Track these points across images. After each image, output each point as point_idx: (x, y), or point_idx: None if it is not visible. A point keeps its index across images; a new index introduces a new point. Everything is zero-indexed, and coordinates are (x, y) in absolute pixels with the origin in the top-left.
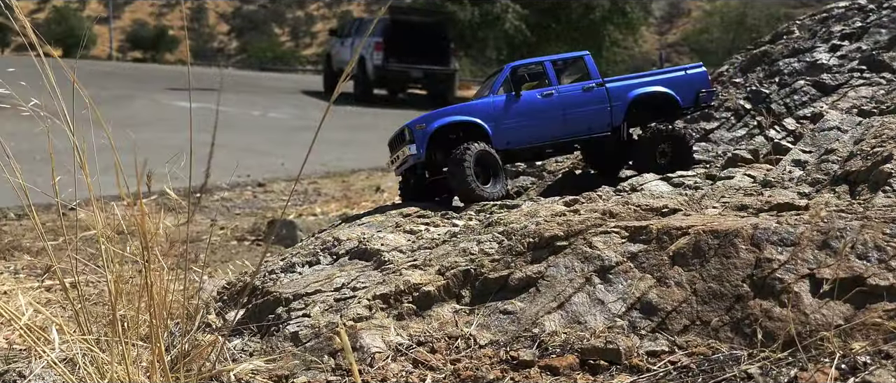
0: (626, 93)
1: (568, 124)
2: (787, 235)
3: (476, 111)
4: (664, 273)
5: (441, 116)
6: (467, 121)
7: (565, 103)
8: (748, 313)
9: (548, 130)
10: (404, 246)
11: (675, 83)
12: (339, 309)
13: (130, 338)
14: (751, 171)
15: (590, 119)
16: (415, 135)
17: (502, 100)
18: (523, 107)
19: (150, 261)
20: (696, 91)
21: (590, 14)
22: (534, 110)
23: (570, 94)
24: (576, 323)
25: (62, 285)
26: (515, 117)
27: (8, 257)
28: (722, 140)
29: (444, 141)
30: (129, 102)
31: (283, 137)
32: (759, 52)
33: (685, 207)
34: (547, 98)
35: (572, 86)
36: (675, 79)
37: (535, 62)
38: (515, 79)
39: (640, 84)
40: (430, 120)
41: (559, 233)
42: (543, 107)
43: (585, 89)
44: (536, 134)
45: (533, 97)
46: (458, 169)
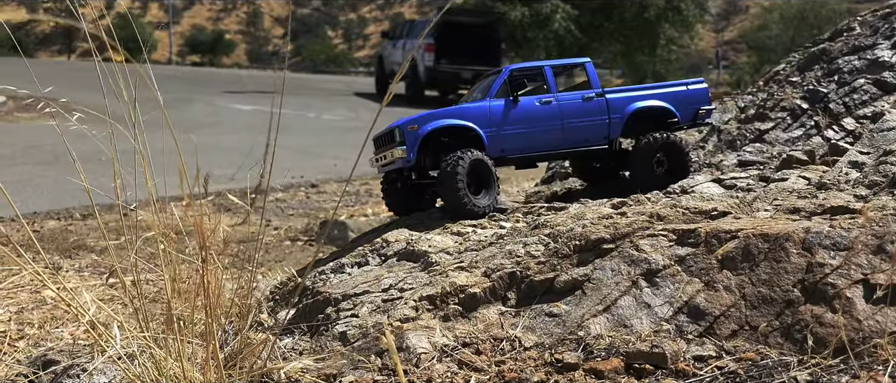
0: (625, 105)
1: (566, 134)
2: (840, 239)
3: (471, 115)
4: (712, 277)
5: (434, 119)
6: (462, 125)
7: (564, 112)
8: (799, 319)
9: (545, 140)
10: (451, 247)
11: (675, 98)
12: (386, 310)
13: (186, 336)
14: (806, 173)
15: (588, 130)
16: (406, 136)
17: (499, 106)
18: (521, 115)
19: (207, 262)
20: (696, 108)
21: (644, 12)
22: (532, 118)
23: (570, 102)
24: (621, 326)
25: (123, 284)
26: (512, 124)
27: (73, 255)
28: (777, 140)
29: (434, 144)
30: (188, 105)
31: (337, 139)
32: (818, 49)
33: (735, 210)
34: (546, 106)
35: (572, 94)
36: (675, 94)
37: (535, 67)
38: (513, 83)
39: (639, 97)
40: (423, 122)
41: (606, 235)
42: (542, 116)
43: (585, 99)
44: (533, 143)
45: (531, 104)
46: (449, 179)
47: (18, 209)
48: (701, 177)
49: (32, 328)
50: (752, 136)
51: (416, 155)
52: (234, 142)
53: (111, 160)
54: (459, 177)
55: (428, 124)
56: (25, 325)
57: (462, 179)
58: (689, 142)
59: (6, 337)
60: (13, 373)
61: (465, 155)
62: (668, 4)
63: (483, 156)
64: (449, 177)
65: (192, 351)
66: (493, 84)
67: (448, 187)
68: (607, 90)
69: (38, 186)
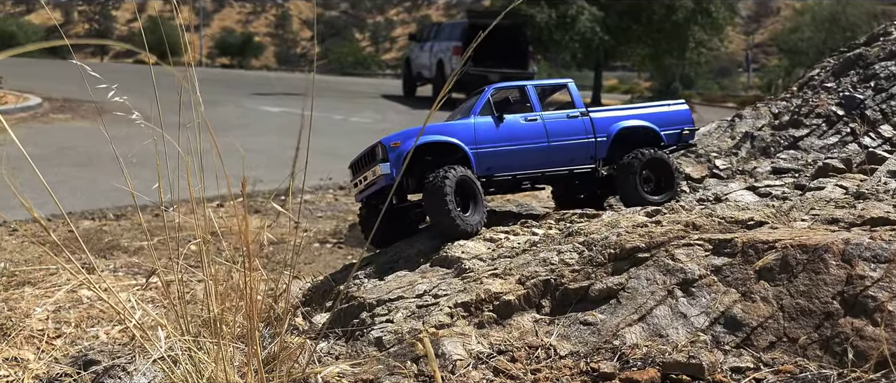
0: (610, 125)
1: (552, 154)
2: (881, 251)
3: (457, 133)
4: (749, 287)
5: (415, 134)
6: (448, 142)
7: (550, 131)
8: (838, 331)
9: (531, 159)
10: (484, 254)
11: (659, 119)
12: (421, 316)
13: (226, 339)
14: (843, 182)
15: (573, 150)
16: (389, 153)
17: (484, 124)
18: (507, 132)
19: (249, 267)
20: (681, 129)
21: (672, 15)
22: (518, 136)
23: (555, 121)
24: (657, 336)
25: (164, 287)
26: (498, 142)
27: (108, 256)
28: (812, 147)
29: (418, 164)
30: (218, 107)
31: (364, 141)
32: (854, 54)
33: (772, 220)
34: (531, 124)
35: (556, 113)
36: (659, 115)
37: (517, 86)
38: (497, 102)
39: (624, 117)
40: (407, 138)
41: (640, 244)
42: (528, 134)
43: (570, 117)
44: (519, 162)
45: (516, 122)
46: (436, 197)
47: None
48: (735, 185)
49: (69, 327)
50: (786, 143)
51: (400, 172)
52: (263, 144)
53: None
54: (448, 193)
55: (411, 141)
56: (62, 324)
57: (450, 195)
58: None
59: (44, 335)
60: (55, 372)
61: (451, 170)
62: (698, 6)
63: (469, 173)
64: (436, 194)
65: (231, 353)
66: (476, 103)
67: (436, 204)
68: (591, 109)
69: (73, 187)
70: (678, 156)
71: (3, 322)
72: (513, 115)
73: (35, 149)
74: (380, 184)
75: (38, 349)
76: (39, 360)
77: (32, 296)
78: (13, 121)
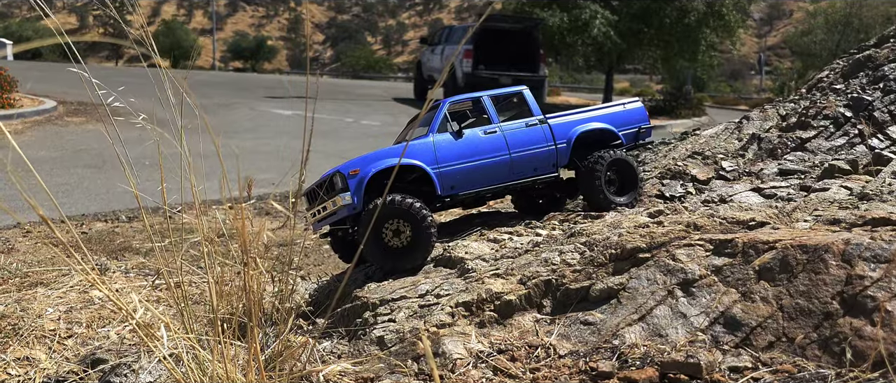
0: (569, 130)
1: (515, 166)
2: (880, 251)
3: (416, 154)
4: (749, 287)
5: (376, 160)
6: (408, 164)
7: (511, 143)
8: (837, 331)
9: (494, 173)
10: (487, 254)
11: (615, 120)
12: (423, 316)
13: (229, 338)
14: (848, 183)
15: (536, 160)
16: (348, 182)
17: (444, 141)
18: (467, 148)
19: (248, 266)
20: (637, 127)
21: (684, 18)
22: (479, 150)
23: (514, 132)
24: (657, 335)
25: (169, 286)
26: (459, 159)
27: (120, 257)
28: (819, 149)
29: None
30: (231, 110)
31: (375, 144)
32: (863, 56)
33: (774, 220)
34: (491, 136)
35: (515, 123)
36: (614, 115)
37: (473, 98)
38: (454, 116)
39: (582, 120)
40: (365, 164)
41: (641, 245)
42: (489, 147)
43: (529, 125)
44: (483, 177)
45: (476, 136)
46: (366, 229)
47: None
48: (740, 186)
49: (80, 327)
50: (793, 145)
51: (361, 200)
52: (275, 147)
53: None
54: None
55: (370, 166)
56: (74, 324)
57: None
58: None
59: (56, 335)
60: (64, 371)
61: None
62: (710, 10)
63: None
64: (365, 226)
65: (234, 352)
66: (433, 119)
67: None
68: (549, 116)
69: (87, 189)
70: (685, 157)
71: (16, 322)
72: (471, 129)
73: (51, 151)
74: (341, 215)
75: (49, 349)
76: (50, 360)
77: (45, 297)
78: (29, 124)
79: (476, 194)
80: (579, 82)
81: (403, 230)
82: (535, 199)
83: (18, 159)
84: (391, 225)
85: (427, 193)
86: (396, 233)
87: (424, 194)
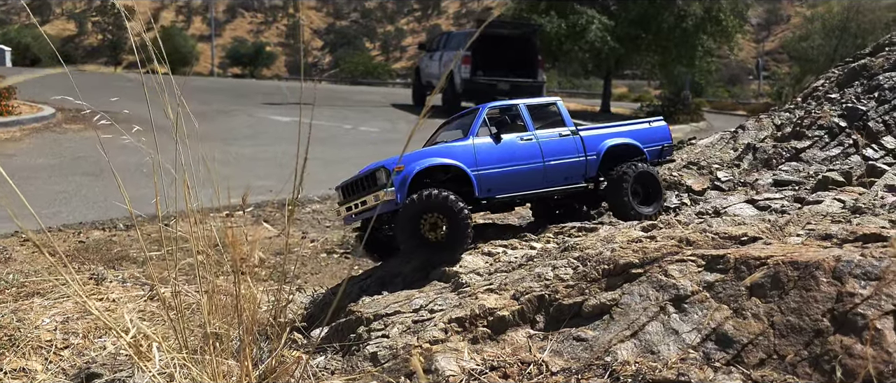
0: (598, 143)
1: (548, 174)
2: (870, 269)
3: (458, 155)
4: (741, 304)
5: (421, 158)
6: (450, 164)
7: (545, 151)
8: (827, 349)
9: (528, 179)
10: (482, 268)
11: (642, 136)
12: (416, 331)
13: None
14: (841, 195)
15: (567, 169)
16: (393, 178)
17: (483, 144)
18: (505, 153)
19: (239, 282)
20: (661, 145)
21: (681, 23)
22: (516, 156)
23: (549, 141)
24: (649, 352)
25: (163, 302)
26: (498, 163)
27: (117, 266)
28: (814, 159)
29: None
30: (229, 117)
31: (374, 151)
32: (859, 65)
33: (766, 235)
34: (527, 144)
35: (549, 132)
36: (642, 132)
37: (510, 105)
38: (492, 121)
39: (611, 135)
40: (408, 162)
41: (634, 260)
42: (525, 154)
43: (562, 136)
44: (518, 183)
45: (514, 142)
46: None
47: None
48: (735, 198)
49: (77, 338)
50: (788, 155)
51: (405, 197)
52: (273, 154)
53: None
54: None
55: (414, 164)
56: (70, 335)
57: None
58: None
59: (52, 346)
60: None
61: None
62: (707, 15)
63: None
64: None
65: (227, 368)
66: (473, 123)
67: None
68: (581, 128)
69: (86, 197)
70: (680, 167)
71: (12, 333)
72: (509, 135)
73: (49, 159)
74: (381, 210)
75: (45, 360)
76: (46, 371)
77: (41, 307)
78: (27, 131)
79: (509, 199)
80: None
81: (440, 224)
82: (554, 209)
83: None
84: (429, 218)
85: (464, 194)
86: (433, 227)
87: (462, 195)
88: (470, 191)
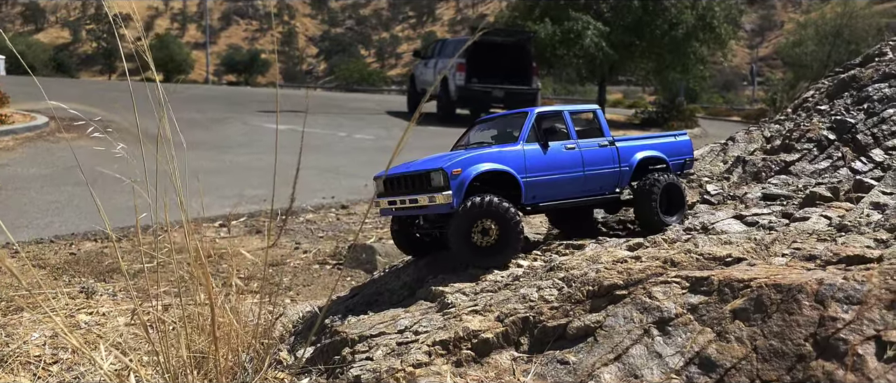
0: (631, 154)
1: (587, 183)
2: (853, 292)
3: (509, 160)
4: (725, 327)
5: (473, 162)
6: (502, 170)
7: (586, 159)
8: (810, 375)
9: (570, 187)
10: (467, 288)
11: (668, 149)
12: (400, 354)
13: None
14: (828, 212)
15: (604, 178)
16: (451, 181)
17: (533, 151)
18: (552, 161)
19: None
20: (684, 158)
21: (672, 31)
22: (561, 164)
23: (590, 151)
24: (632, 376)
25: (142, 324)
26: (545, 170)
27: (108, 279)
28: (803, 172)
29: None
30: (224, 125)
31: (368, 158)
32: (848, 76)
33: (751, 255)
34: (570, 152)
35: (589, 141)
36: (668, 145)
37: (557, 112)
38: (539, 127)
39: (642, 146)
40: (465, 166)
41: (619, 281)
42: (569, 162)
43: (600, 146)
44: (560, 190)
45: (559, 150)
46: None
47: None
48: (722, 214)
49: (66, 353)
50: (777, 168)
51: (461, 201)
52: (267, 162)
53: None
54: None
55: (470, 169)
56: (59, 350)
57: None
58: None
59: (41, 361)
60: None
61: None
62: (700, 22)
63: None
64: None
65: None
66: (523, 128)
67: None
68: (617, 139)
69: (78, 207)
70: None
71: (1, 348)
72: (555, 143)
73: (42, 168)
74: (433, 211)
75: (34, 375)
76: None
77: (30, 322)
78: (20, 140)
79: (550, 206)
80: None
81: (491, 229)
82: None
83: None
84: (483, 223)
85: (511, 198)
86: (484, 232)
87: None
88: (516, 196)
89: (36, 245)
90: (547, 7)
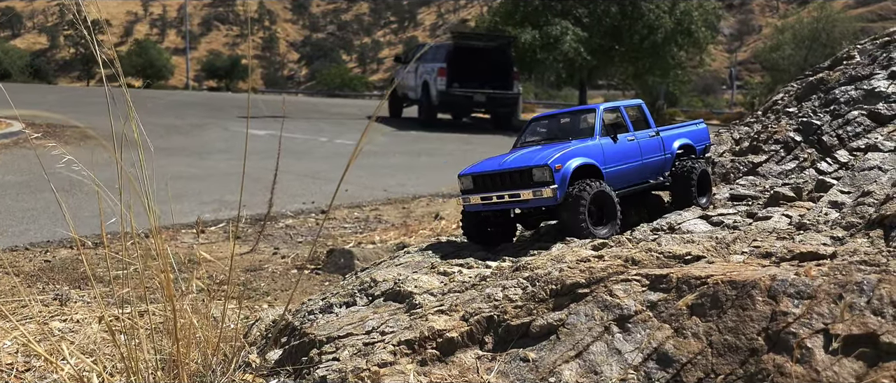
0: (671, 143)
1: (643, 172)
2: (803, 287)
3: (592, 153)
4: (682, 323)
5: (568, 158)
6: (590, 163)
7: (643, 150)
8: (761, 368)
9: (631, 177)
10: (436, 288)
11: (695, 136)
12: (366, 354)
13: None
14: (789, 211)
15: (655, 166)
16: (555, 176)
17: (608, 144)
18: (621, 152)
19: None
20: (705, 145)
21: (653, 35)
22: (628, 155)
23: (645, 141)
24: (592, 372)
25: (110, 331)
26: (618, 161)
27: (83, 286)
28: (770, 173)
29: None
30: (203, 131)
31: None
32: (816, 79)
33: (710, 254)
34: (632, 143)
35: (641, 133)
36: (695, 133)
37: (617, 107)
38: (606, 122)
39: (677, 135)
40: (563, 161)
41: (581, 280)
42: (632, 153)
43: (651, 137)
44: (624, 180)
45: (625, 143)
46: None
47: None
48: (689, 214)
49: (39, 360)
50: (745, 169)
51: (564, 192)
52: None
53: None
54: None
55: (569, 163)
56: (32, 357)
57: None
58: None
59: (13, 369)
60: None
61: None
62: (678, 27)
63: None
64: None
65: None
66: (595, 125)
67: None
68: (660, 129)
69: (54, 214)
70: None
71: None
72: (621, 135)
73: (17, 176)
74: (536, 204)
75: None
76: None
77: (2, 330)
78: None
79: (619, 193)
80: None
81: (594, 211)
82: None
83: None
84: (591, 206)
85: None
86: (591, 214)
87: None
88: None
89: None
90: (527, 12)
